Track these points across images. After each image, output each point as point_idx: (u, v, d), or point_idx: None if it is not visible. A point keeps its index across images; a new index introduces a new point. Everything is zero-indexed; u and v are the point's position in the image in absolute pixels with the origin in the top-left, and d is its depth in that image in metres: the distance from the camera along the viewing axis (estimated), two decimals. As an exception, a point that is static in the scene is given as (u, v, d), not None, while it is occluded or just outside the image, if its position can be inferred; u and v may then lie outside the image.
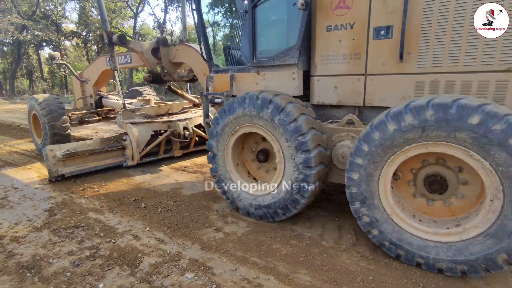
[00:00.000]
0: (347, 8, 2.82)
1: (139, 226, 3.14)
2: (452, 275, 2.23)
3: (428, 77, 2.55)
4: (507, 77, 2.24)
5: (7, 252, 2.72)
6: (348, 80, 2.96)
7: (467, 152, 2.04)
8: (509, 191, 1.96)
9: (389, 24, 2.63)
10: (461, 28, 2.33)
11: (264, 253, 2.63)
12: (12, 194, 4.11)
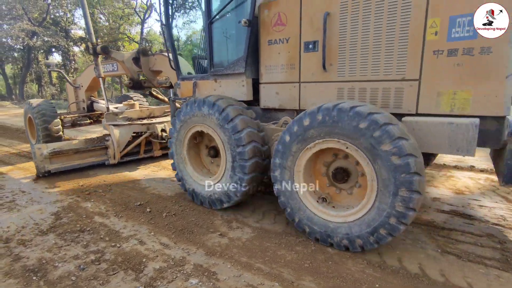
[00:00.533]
0: (283, 25, 3.28)
1: (144, 230, 3.15)
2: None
3: (346, 85, 3.00)
4: (402, 85, 2.70)
5: (13, 255, 2.75)
6: (286, 87, 3.41)
7: (355, 148, 2.51)
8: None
9: (315, 40, 3.09)
10: (367, 45, 2.79)
11: (269, 259, 2.61)
12: (19, 197, 4.16)
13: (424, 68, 2.60)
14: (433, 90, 2.58)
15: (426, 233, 2.96)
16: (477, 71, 2.40)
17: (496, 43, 2.31)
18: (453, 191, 4.01)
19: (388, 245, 2.75)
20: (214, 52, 3.88)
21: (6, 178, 5.05)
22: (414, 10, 2.55)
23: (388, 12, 2.66)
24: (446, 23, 2.46)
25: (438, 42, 2.50)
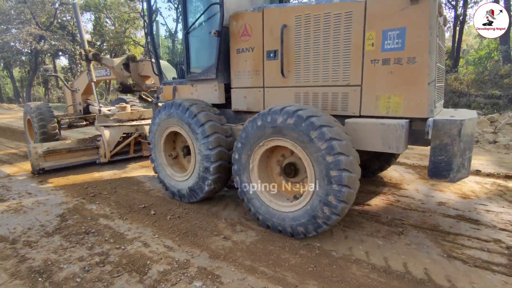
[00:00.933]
0: (249, 35, 3.60)
1: (148, 233, 3.16)
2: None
3: (301, 89, 3.32)
4: (347, 90, 3.02)
5: (19, 256, 2.77)
6: (252, 92, 3.72)
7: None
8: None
9: (275, 49, 3.40)
10: (318, 54, 3.13)
11: (273, 262, 2.60)
12: (26, 199, 4.21)
13: (365, 75, 2.93)
14: (372, 94, 2.92)
15: (431, 238, 2.93)
16: (406, 78, 2.73)
17: (419, 54, 2.64)
18: (459, 196, 3.97)
19: (394, 251, 2.73)
20: (190, 59, 4.22)
21: (13, 180, 5.11)
22: (354, 24, 2.89)
23: (334, 26, 3.01)
24: (380, 36, 2.80)
25: (374, 52, 2.84)
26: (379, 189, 4.24)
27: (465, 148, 2.63)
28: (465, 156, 2.66)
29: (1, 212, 3.78)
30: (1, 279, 2.45)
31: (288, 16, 3.28)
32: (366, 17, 2.83)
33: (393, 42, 2.75)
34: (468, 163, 2.74)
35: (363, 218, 3.39)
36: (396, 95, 2.79)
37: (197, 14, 4.07)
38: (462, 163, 2.65)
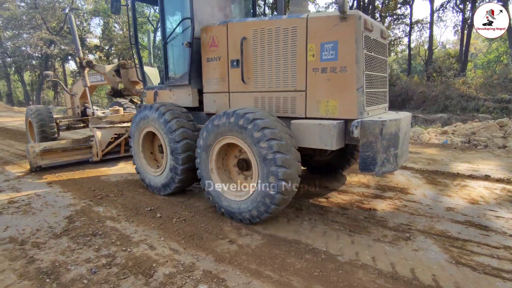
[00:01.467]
0: (216, 46, 4.02)
1: (154, 235, 3.18)
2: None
3: (259, 94, 3.73)
4: (295, 95, 3.44)
5: (28, 257, 2.81)
6: (220, 96, 4.13)
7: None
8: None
9: (237, 58, 3.80)
10: (271, 63, 3.56)
11: (278, 266, 2.59)
12: (34, 200, 4.27)
13: (308, 82, 3.33)
14: (315, 99, 3.31)
15: (439, 244, 2.89)
16: (340, 85, 3.13)
17: (349, 64, 3.05)
18: (467, 201, 3.92)
19: (401, 256, 2.70)
20: (168, 67, 4.65)
21: (22, 182, 5.20)
22: (299, 38, 3.30)
23: (283, 39, 3.43)
24: (318, 48, 3.20)
25: (315, 62, 3.24)
26: (386, 194, 4.20)
27: (388, 145, 3.00)
28: (389, 152, 3.05)
29: (11, 213, 3.84)
30: (10, 280, 2.48)
31: (247, 29, 3.71)
32: (308, 31, 3.25)
33: (329, 53, 3.16)
34: (394, 159, 3.10)
35: (369, 223, 3.36)
36: (332, 99, 3.22)
37: (173, 27, 4.51)
38: (386, 158, 3.03)
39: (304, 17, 3.28)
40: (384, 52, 3.74)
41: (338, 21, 3.06)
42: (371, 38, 3.30)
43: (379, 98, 3.63)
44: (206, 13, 4.37)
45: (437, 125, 11.64)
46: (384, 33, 3.68)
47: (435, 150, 6.84)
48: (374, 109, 3.44)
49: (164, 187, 4.27)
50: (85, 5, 36.56)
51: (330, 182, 4.78)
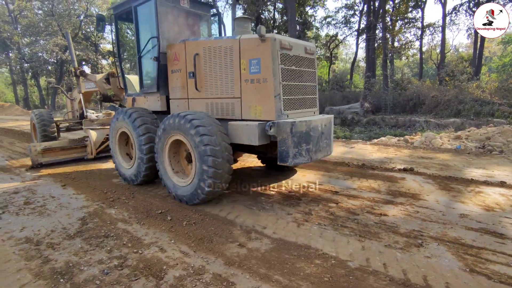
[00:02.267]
0: (178, 60, 4.75)
1: (164, 238, 3.22)
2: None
3: (209, 100, 4.46)
4: (233, 101, 4.15)
5: (43, 257, 2.88)
6: (182, 102, 4.86)
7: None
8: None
9: (193, 71, 4.50)
10: (216, 75, 4.28)
11: (288, 271, 2.58)
12: (49, 202, 4.38)
13: (242, 91, 4.04)
14: (247, 104, 4.03)
15: (453, 251, 2.83)
16: (263, 93, 3.85)
17: (268, 76, 3.76)
18: (482, 208, 3.82)
19: (413, 263, 2.65)
20: (143, 77, 5.39)
21: (38, 184, 5.34)
22: (234, 55, 4.04)
23: (224, 55, 4.17)
24: (248, 63, 3.93)
25: (246, 75, 3.96)
26: (397, 200, 4.15)
27: (300, 141, 3.77)
28: (301, 147, 3.81)
29: (26, 214, 3.95)
30: (26, 279, 2.55)
31: (199, 47, 4.45)
32: (240, 50, 3.98)
33: (255, 68, 3.88)
34: (306, 153, 3.89)
35: (380, 228, 3.32)
36: (259, 104, 3.93)
37: (144, 43, 5.20)
38: (298, 152, 3.79)
39: (238, 38, 4.02)
40: (310, 65, 4.45)
41: (259, 42, 3.80)
42: (290, 55, 4.02)
43: (304, 103, 4.33)
44: (174, 31, 5.13)
45: (450, 130, 11.41)
46: (309, 49, 4.38)
47: (448, 155, 6.71)
48: (297, 112, 4.15)
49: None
50: (99, 12, 37.51)
51: (331, 184, 4.75)
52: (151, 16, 4.87)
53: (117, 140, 5.40)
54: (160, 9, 4.82)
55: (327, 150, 4.43)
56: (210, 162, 3.68)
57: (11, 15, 37.00)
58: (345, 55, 55.81)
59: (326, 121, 4.34)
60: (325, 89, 24.72)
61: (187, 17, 5.41)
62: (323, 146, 4.26)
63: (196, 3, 5.57)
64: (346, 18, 30.11)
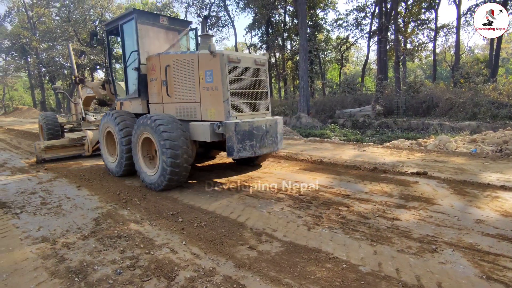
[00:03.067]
0: (154, 70, 5.62)
1: (176, 239, 3.25)
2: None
3: (178, 105, 5.30)
4: (195, 105, 4.98)
5: (59, 256, 2.96)
6: (158, 105, 5.72)
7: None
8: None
9: (165, 80, 5.35)
10: (183, 83, 5.12)
11: (298, 275, 2.57)
12: (65, 203, 4.50)
13: (201, 96, 4.92)
14: (205, 108, 4.90)
15: (468, 258, 2.76)
16: (215, 98, 4.72)
17: (218, 84, 4.63)
18: (499, 213, 3.71)
19: (427, 269, 2.60)
20: (128, 84, 6.30)
21: (54, 185, 5.49)
22: (195, 67, 4.92)
23: (187, 67, 5.06)
24: (204, 74, 4.81)
25: (203, 83, 4.83)
26: (410, 204, 4.07)
27: (243, 138, 4.60)
28: (244, 143, 4.63)
29: (43, 214, 4.07)
30: (42, 277, 2.62)
31: (169, 60, 5.28)
32: (199, 63, 4.87)
33: (209, 78, 4.75)
34: (250, 148, 4.72)
35: (393, 233, 3.26)
36: (213, 108, 4.79)
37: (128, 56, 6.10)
38: (242, 147, 4.61)
39: (197, 53, 4.89)
40: (261, 74, 5.26)
41: (212, 57, 4.65)
42: (239, 67, 4.82)
43: (254, 107, 5.15)
44: (154, 45, 5.99)
45: (465, 133, 11.13)
46: (259, 61, 5.18)
47: (463, 159, 6.54)
48: (247, 114, 4.97)
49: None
50: (113, 17, 38.39)
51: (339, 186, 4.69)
52: (133, 33, 5.72)
53: (105, 138, 6.27)
54: (140, 27, 5.70)
55: (273, 146, 5.20)
56: (169, 154, 4.50)
57: (30, 21, 38.31)
58: (356, 58, 55.33)
59: (272, 122, 5.11)
60: (336, 91, 24.54)
61: (167, 32, 6.29)
62: (268, 142, 5.05)
63: (175, 21, 6.51)
64: (357, 20, 29.90)
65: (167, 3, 33.13)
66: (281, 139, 5.47)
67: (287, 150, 8.04)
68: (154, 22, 5.97)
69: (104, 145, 6.29)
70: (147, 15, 5.97)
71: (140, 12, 5.83)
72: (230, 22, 33.22)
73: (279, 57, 31.95)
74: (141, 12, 5.90)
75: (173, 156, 4.49)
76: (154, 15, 6.15)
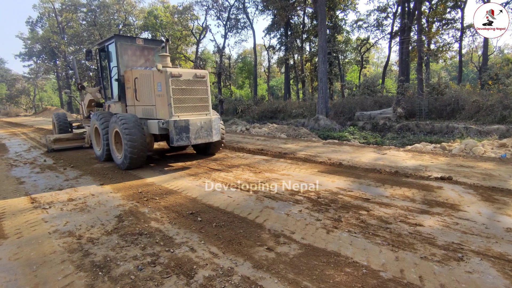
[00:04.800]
0: (129, 81, 7.23)
1: (195, 238, 3.30)
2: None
3: (144, 107, 6.95)
4: (153, 107, 6.71)
5: (84, 251, 3.08)
6: (132, 108, 7.38)
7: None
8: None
9: (136, 88, 7.04)
10: (145, 92, 6.85)
11: (316, 278, 2.54)
12: (89, 199, 4.67)
13: (156, 101, 6.60)
14: (158, 109, 6.58)
15: (498, 268, 2.62)
16: (163, 103, 6.43)
17: (165, 92, 6.33)
18: (531, 222, 3.51)
19: (452, 278, 2.50)
20: (112, 91, 8.08)
21: (79, 182, 5.72)
22: (152, 79, 6.58)
23: (147, 80, 6.73)
24: (157, 85, 6.47)
25: (156, 91, 6.50)
26: (433, 209, 3.93)
27: (181, 131, 6.25)
28: (182, 135, 6.26)
29: (69, 209, 4.25)
30: (69, 270, 2.74)
31: (137, 73, 7.00)
32: (153, 77, 6.56)
33: (159, 88, 6.45)
34: (186, 138, 6.34)
35: (415, 239, 3.16)
36: (162, 109, 6.48)
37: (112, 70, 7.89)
38: (180, 138, 6.27)
39: (152, 70, 6.59)
40: (201, 84, 6.87)
41: (160, 73, 6.38)
42: (181, 79, 6.49)
43: (194, 109, 6.79)
44: (132, 61, 7.75)
45: (494, 137, 10.61)
46: (199, 74, 6.81)
47: (491, 164, 6.24)
48: (187, 114, 6.64)
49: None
50: (136, 21, 39.65)
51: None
52: (114, 52, 7.49)
53: (94, 133, 8.06)
54: (120, 47, 7.44)
55: (208, 138, 6.78)
56: (128, 144, 6.27)
57: (59, 26, 40.17)
58: (376, 59, 54.11)
59: (207, 120, 6.73)
60: (356, 93, 24.09)
61: (143, 50, 8.00)
62: (204, 135, 6.68)
63: (149, 41, 8.21)
64: (378, 21, 29.25)
65: (187, 6, 33.78)
66: (217, 133, 6.98)
67: (305, 152, 7.97)
68: (131, 43, 7.74)
69: (93, 138, 8.08)
70: (126, 38, 7.83)
71: (120, 36, 7.70)
72: (249, 24, 33.40)
73: (298, 59, 31.78)
74: (120, 36, 7.77)
75: (131, 145, 6.26)
76: (132, 38, 8.03)
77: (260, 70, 49.05)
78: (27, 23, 44.58)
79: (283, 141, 10.40)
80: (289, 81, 33.55)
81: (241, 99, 29.70)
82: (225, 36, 33.91)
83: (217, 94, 31.08)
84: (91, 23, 36.72)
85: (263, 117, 23.15)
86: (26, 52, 45.92)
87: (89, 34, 36.90)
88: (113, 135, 6.87)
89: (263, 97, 34.22)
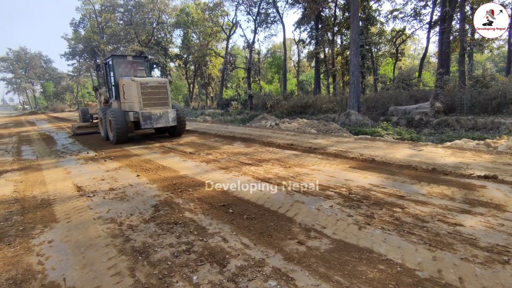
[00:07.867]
0: (121, 86, 10.52)
1: (227, 229, 3.40)
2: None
3: (128, 104, 10.41)
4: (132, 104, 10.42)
5: (125, 236, 3.30)
6: (122, 104, 10.72)
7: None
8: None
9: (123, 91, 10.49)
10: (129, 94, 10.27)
11: (348, 273, 2.52)
12: (128, 190, 4.97)
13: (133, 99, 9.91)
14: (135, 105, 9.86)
15: (549, 273, 2.43)
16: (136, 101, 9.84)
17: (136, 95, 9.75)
18: None
19: (496, 281, 2.36)
20: (112, 93, 11.35)
21: (118, 173, 6.09)
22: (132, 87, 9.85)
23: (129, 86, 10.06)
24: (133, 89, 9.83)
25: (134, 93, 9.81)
26: (476, 209, 3.70)
27: (146, 119, 9.64)
28: (147, 121, 9.66)
29: (111, 198, 4.55)
30: (112, 253, 2.95)
31: (124, 81, 10.19)
32: (132, 84, 9.73)
33: (135, 91, 9.67)
34: (150, 124, 9.75)
35: (455, 239, 3.01)
36: (136, 105, 9.74)
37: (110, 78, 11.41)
38: (146, 123, 9.65)
39: (130, 79, 9.66)
40: (162, 88, 10.11)
41: (134, 82, 9.51)
42: (147, 86, 9.68)
43: (157, 105, 9.97)
44: (126, 72, 11.01)
45: (547, 133, 9.68)
46: (161, 81, 10.09)
47: (543, 163, 5.71)
48: (154, 108, 9.85)
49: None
50: (169, 19, 40.89)
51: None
52: (111, 66, 10.89)
53: (100, 121, 11.49)
54: (115, 62, 10.90)
55: (166, 123, 10.02)
56: (115, 127, 9.63)
57: (99, 26, 42.52)
58: (413, 51, 51.29)
59: (165, 111, 9.92)
60: (390, 87, 23.05)
61: (133, 63, 11.32)
62: (162, 122, 9.88)
63: (136, 57, 11.82)
64: (416, 10, 27.62)
65: (218, 3, 34.18)
66: (173, 120, 10.18)
67: (336, 148, 7.82)
68: (124, 59, 11.34)
69: (100, 124, 11.71)
70: (120, 56, 11.68)
71: (115, 56, 11.30)
72: (279, 18, 33.11)
73: (329, 52, 30.98)
74: (116, 55, 11.43)
75: (116, 128, 9.64)
76: (124, 56, 11.88)
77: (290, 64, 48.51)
78: (71, 25, 47.80)
79: (313, 136, 10.27)
80: (319, 75, 32.85)
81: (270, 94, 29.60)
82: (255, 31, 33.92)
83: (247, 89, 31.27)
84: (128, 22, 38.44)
85: (292, 112, 22.96)
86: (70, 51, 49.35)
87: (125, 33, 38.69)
88: (108, 122, 10.18)
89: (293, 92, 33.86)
